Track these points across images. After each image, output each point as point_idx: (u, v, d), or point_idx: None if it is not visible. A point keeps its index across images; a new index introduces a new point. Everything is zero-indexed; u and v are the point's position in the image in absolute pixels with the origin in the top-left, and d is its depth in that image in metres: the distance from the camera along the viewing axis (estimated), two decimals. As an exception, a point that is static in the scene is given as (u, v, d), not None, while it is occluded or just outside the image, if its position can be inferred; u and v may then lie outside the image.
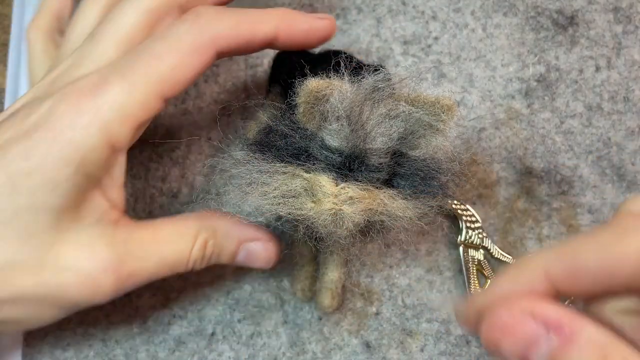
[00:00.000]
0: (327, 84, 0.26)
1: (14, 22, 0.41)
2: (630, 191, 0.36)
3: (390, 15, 0.40)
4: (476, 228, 0.35)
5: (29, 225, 0.25)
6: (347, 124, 0.26)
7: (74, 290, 0.26)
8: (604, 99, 0.38)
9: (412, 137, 0.27)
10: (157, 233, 0.28)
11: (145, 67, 0.26)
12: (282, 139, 0.27)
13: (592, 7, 0.39)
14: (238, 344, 0.34)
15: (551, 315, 0.18)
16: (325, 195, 0.26)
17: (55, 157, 0.24)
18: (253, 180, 0.26)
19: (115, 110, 0.25)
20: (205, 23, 0.27)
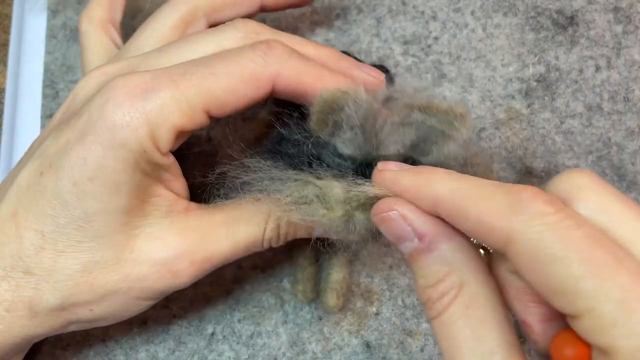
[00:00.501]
0: (343, 94, 0.25)
1: (14, 22, 0.41)
2: (630, 191, 0.36)
3: (391, 15, 0.40)
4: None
5: (102, 227, 0.26)
6: (360, 132, 0.26)
7: (153, 280, 0.27)
8: (604, 99, 0.38)
9: (424, 144, 0.27)
10: (229, 216, 0.28)
11: (199, 79, 0.26)
12: (294, 147, 0.27)
13: (592, 7, 0.39)
14: (238, 344, 0.34)
15: (419, 225, 0.22)
16: (337, 202, 0.25)
17: (112, 159, 0.25)
18: (265, 187, 0.26)
19: (164, 115, 0.25)
20: (273, 58, 0.27)
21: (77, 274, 0.26)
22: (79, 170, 0.25)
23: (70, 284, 0.26)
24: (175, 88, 0.25)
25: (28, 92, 0.40)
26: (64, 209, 0.25)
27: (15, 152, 0.39)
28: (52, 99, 0.39)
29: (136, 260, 0.26)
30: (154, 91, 0.25)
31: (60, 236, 0.26)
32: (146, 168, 0.26)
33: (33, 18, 0.41)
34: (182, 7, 0.31)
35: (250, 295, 0.35)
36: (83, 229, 0.25)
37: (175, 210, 0.28)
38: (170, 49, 0.28)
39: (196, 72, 0.26)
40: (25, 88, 0.40)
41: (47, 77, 0.39)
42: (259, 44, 0.27)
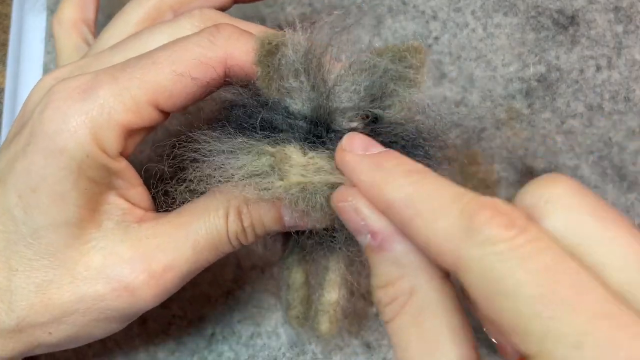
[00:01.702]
0: (279, 34, 0.23)
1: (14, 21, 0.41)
2: (631, 191, 0.36)
3: (391, 15, 0.40)
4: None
5: (52, 243, 0.24)
6: (306, 80, 0.23)
7: (111, 299, 0.25)
8: (605, 99, 0.38)
9: (382, 94, 0.24)
10: (184, 217, 0.26)
11: (141, 72, 0.24)
12: (242, 109, 0.25)
13: (593, 6, 0.39)
14: (238, 344, 0.34)
15: (372, 221, 0.21)
16: (292, 167, 0.23)
17: (53, 167, 0.23)
18: (216, 163, 0.24)
19: (105, 114, 0.24)
20: (221, 39, 0.25)
21: (32, 294, 0.24)
22: (23, 182, 0.24)
23: (24, 305, 0.24)
24: (115, 84, 0.24)
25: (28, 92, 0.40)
26: (13, 224, 0.24)
27: (15, 152, 0.39)
28: (52, 99, 0.39)
29: (92, 279, 0.25)
30: (93, 90, 0.24)
31: (13, 254, 0.24)
32: (93, 174, 0.24)
33: (32, 18, 0.41)
34: (146, 3, 0.30)
35: (250, 295, 0.35)
36: (33, 246, 0.24)
37: (128, 220, 0.26)
38: (123, 46, 0.27)
39: (137, 64, 0.25)
40: (24, 88, 0.40)
41: (46, 77, 0.39)
42: (207, 28, 0.26)
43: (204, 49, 0.25)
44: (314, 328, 0.29)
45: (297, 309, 0.29)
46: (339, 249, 0.26)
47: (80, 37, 0.33)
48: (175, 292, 0.27)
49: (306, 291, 0.29)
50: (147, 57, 0.25)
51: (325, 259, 0.28)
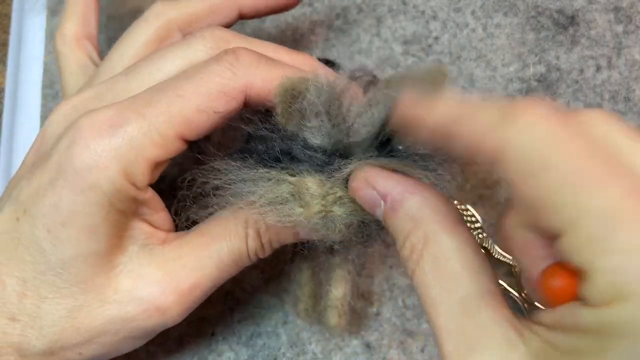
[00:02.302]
0: (302, 79, 0.24)
1: (14, 22, 0.41)
2: (631, 191, 0.36)
3: (391, 15, 0.40)
4: (477, 228, 0.35)
5: (81, 272, 0.25)
6: (327, 119, 0.24)
7: (142, 319, 0.26)
8: (605, 99, 0.38)
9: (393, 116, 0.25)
10: (207, 237, 0.27)
11: (167, 105, 0.25)
12: (262, 143, 0.26)
13: (593, 6, 0.39)
14: (238, 344, 0.34)
15: (380, 186, 0.22)
16: (313, 198, 0.24)
17: (83, 204, 0.24)
18: (237, 190, 0.25)
19: (134, 150, 0.24)
20: (241, 68, 0.25)
21: (62, 319, 0.25)
22: (52, 217, 0.24)
23: (55, 330, 0.25)
24: (143, 120, 0.24)
25: (28, 92, 0.40)
26: (41, 255, 0.25)
27: (15, 152, 0.39)
28: (52, 99, 0.39)
29: (121, 302, 0.25)
30: (121, 126, 0.24)
31: (41, 283, 0.25)
32: (122, 206, 0.25)
33: (33, 18, 0.41)
34: (154, 23, 0.30)
35: (250, 295, 0.35)
36: (62, 275, 0.25)
37: (152, 243, 0.26)
38: (137, 70, 0.27)
39: (162, 98, 0.25)
40: (24, 88, 0.40)
41: (46, 77, 0.39)
42: (225, 55, 0.26)
43: (226, 79, 0.25)
44: (323, 322, 0.30)
45: (305, 303, 0.31)
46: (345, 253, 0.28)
47: (85, 53, 0.33)
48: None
49: (313, 286, 0.31)
50: (171, 89, 0.25)
51: (332, 257, 0.29)
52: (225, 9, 0.31)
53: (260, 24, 0.40)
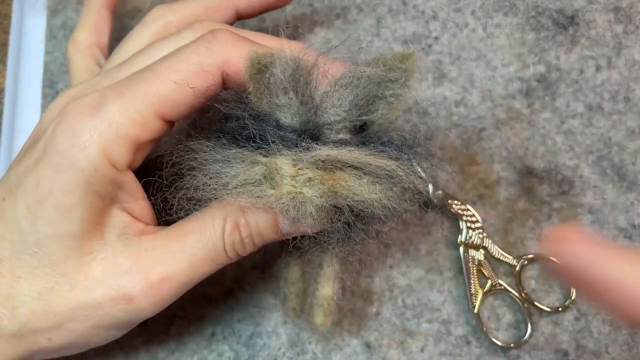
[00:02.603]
0: (268, 53, 0.24)
1: (14, 21, 0.41)
2: (631, 191, 0.36)
3: (391, 15, 0.40)
4: (476, 228, 0.35)
5: (55, 253, 0.25)
6: (295, 96, 0.24)
7: (110, 306, 0.26)
8: (605, 99, 0.38)
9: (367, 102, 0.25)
10: (182, 230, 0.27)
11: (145, 85, 0.25)
12: (236, 122, 0.26)
13: (593, 6, 0.39)
14: (238, 344, 0.34)
15: None
16: (282, 178, 0.24)
17: (62, 182, 0.24)
18: (211, 170, 0.25)
19: (113, 129, 0.25)
20: (217, 45, 0.26)
21: (33, 300, 0.25)
22: (32, 194, 0.25)
23: (26, 311, 0.25)
24: (121, 99, 0.25)
25: (28, 92, 0.40)
26: (19, 234, 0.25)
27: (15, 151, 0.39)
28: (52, 99, 0.39)
29: (90, 287, 0.26)
30: (101, 106, 0.25)
31: (17, 261, 0.25)
32: (100, 189, 0.25)
33: (33, 18, 0.41)
34: (153, 25, 0.31)
35: (250, 295, 0.35)
36: (37, 255, 0.25)
37: (129, 232, 0.27)
38: (129, 61, 0.28)
39: (140, 77, 0.25)
40: (25, 88, 0.40)
41: (46, 77, 0.39)
42: (203, 35, 0.26)
43: (202, 56, 0.25)
44: (308, 321, 0.30)
45: (294, 302, 0.31)
46: (332, 248, 0.27)
47: (94, 60, 0.34)
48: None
49: (302, 285, 0.31)
50: (149, 70, 0.26)
51: (319, 256, 0.29)
52: (222, 10, 0.32)
53: (260, 24, 0.40)
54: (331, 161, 0.24)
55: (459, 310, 0.35)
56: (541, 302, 0.34)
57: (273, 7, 0.34)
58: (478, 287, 0.34)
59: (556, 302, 0.35)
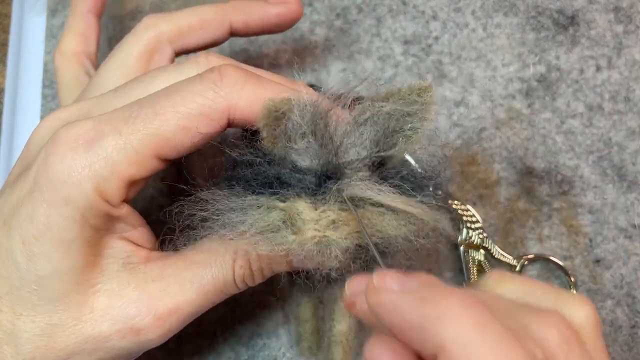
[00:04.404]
0: (285, 100, 0.23)
1: (14, 21, 0.41)
2: (631, 191, 0.36)
3: (391, 15, 0.40)
4: (476, 228, 0.35)
5: (56, 289, 0.24)
6: (313, 140, 0.24)
7: (117, 339, 0.25)
8: (605, 99, 0.38)
9: (387, 137, 0.25)
10: (192, 261, 0.26)
11: (144, 123, 0.24)
12: (249, 168, 0.25)
13: (593, 6, 0.39)
14: (238, 344, 0.34)
15: None
16: (305, 223, 0.23)
17: (57, 217, 0.23)
18: (226, 220, 0.24)
19: (109, 167, 0.24)
20: (225, 88, 0.24)
21: (37, 337, 0.24)
22: (27, 229, 0.24)
23: (30, 348, 0.24)
24: (119, 136, 0.24)
25: (28, 92, 0.40)
26: (16, 270, 0.24)
27: (15, 151, 0.39)
28: (52, 99, 0.39)
29: (96, 320, 0.25)
30: (96, 141, 0.24)
31: (16, 299, 0.24)
32: (96, 222, 0.24)
33: (32, 18, 0.41)
34: (144, 36, 0.30)
35: (250, 295, 0.35)
36: (37, 292, 0.24)
37: (133, 261, 0.26)
38: (126, 88, 0.27)
39: (140, 114, 0.24)
40: (24, 88, 0.40)
41: (46, 77, 0.39)
42: (209, 74, 0.25)
43: (208, 99, 0.24)
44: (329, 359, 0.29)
45: (309, 340, 0.30)
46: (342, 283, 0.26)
47: (82, 68, 0.33)
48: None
49: (315, 322, 0.30)
50: (149, 106, 0.24)
51: (331, 291, 0.28)
52: (215, 24, 0.31)
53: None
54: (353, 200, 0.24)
55: (459, 311, 0.34)
56: (541, 302, 0.34)
57: (268, 31, 0.33)
58: (478, 287, 0.34)
59: (556, 302, 0.35)
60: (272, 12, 0.32)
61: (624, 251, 0.35)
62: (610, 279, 0.35)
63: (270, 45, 0.40)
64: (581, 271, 0.35)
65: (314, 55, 0.39)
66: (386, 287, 0.20)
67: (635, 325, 0.34)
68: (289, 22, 0.33)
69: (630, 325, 0.34)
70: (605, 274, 0.35)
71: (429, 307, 0.19)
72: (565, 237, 0.35)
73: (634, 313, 0.34)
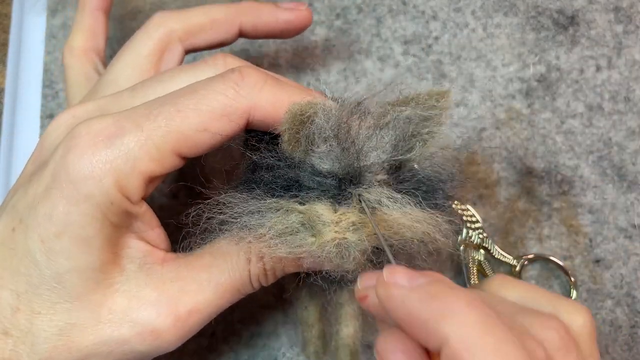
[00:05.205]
0: (310, 104, 0.24)
1: (14, 21, 0.41)
2: (631, 191, 0.36)
3: (391, 15, 0.40)
4: (476, 228, 0.35)
5: (75, 287, 0.24)
6: (336, 143, 0.24)
7: (136, 342, 0.25)
8: (605, 99, 0.38)
9: (406, 141, 0.25)
10: (208, 261, 0.26)
11: (165, 120, 0.24)
12: (269, 173, 0.25)
13: (593, 6, 0.39)
14: (238, 344, 0.34)
15: None
16: (325, 225, 0.23)
17: (77, 214, 0.23)
18: (245, 223, 0.24)
19: (130, 163, 0.24)
20: (246, 88, 0.25)
21: (54, 336, 0.24)
22: (46, 227, 0.23)
23: (47, 347, 0.24)
24: (140, 132, 0.24)
25: (28, 92, 0.40)
26: (35, 268, 0.24)
27: (15, 152, 0.39)
28: (52, 99, 0.39)
29: (116, 322, 0.25)
30: (118, 137, 0.24)
31: (35, 297, 0.24)
32: (115, 220, 0.24)
33: (32, 18, 0.41)
34: (155, 34, 0.30)
35: (250, 295, 0.35)
36: (57, 289, 0.24)
37: (150, 262, 0.26)
38: (143, 88, 0.27)
39: (161, 111, 0.24)
40: (24, 88, 0.40)
41: (46, 77, 0.39)
42: (230, 74, 0.25)
43: (229, 99, 0.24)
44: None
45: (315, 345, 0.30)
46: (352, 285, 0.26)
47: (91, 65, 0.33)
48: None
49: (322, 326, 0.30)
50: (171, 104, 0.24)
51: (338, 294, 0.28)
52: (226, 24, 0.31)
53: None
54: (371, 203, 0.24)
55: (459, 311, 0.35)
56: None
57: (276, 36, 0.33)
58: (478, 287, 0.34)
59: (556, 302, 0.35)
60: (281, 18, 0.32)
61: (624, 251, 0.35)
62: (610, 279, 0.35)
63: (270, 45, 0.40)
64: (581, 271, 0.35)
65: (314, 55, 0.39)
66: (396, 282, 0.21)
67: (635, 325, 0.34)
68: (297, 29, 0.33)
69: (630, 325, 0.34)
70: (605, 274, 0.35)
71: (435, 304, 0.20)
72: (565, 237, 0.35)
73: (634, 313, 0.34)
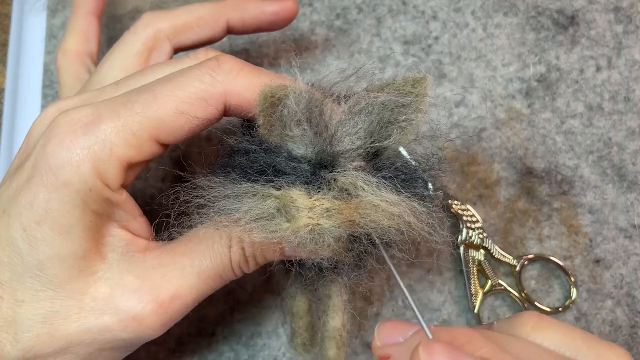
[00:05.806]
0: (281, 86, 0.23)
1: (14, 21, 0.41)
2: (631, 191, 0.36)
3: (391, 15, 0.40)
4: (476, 228, 0.35)
5: (58, 275, 0.24)
6: (308, 127, 0.24)
7: (119, 330, 0.25)
8: (605, 99, 0.38)
9: (382, 128, 0.25)
10: (189, 247, 0.26)
11: (142, 106, 0.24)
12: (245, 156, 0.25)
13: (593, 6, 0.39)
14: (238, 344, 0.34)
15: None
16: (299, 210, 0.23)
17: (57, 201, 0.24)
18: (221, 207, 0.24)
19: (107, 149, 0.24)
20: (221, 74, 0.25)
21: (38, 324, 0.25)
22: (27, 215, 0.24)
23: (30, 335, 0.24)
24: (117, 119, 0.24)
25: (28, 92, 0.40)
26: (17, 256, 0.24)
27: (15, 151, 0.39)
28: (52, 99, 0.39)
29: (98, 310, 0.25)
30: (95, 125, 0.24)
31: (18, 285, 0.24)
32: (96, 207, 0.24)
33: (32, 18, 0.41)
34: (142, 34, 0.30)
35: (250, 295, 0.35)
36: (39, 277, 0.24)
37: (132, 250, 0.26)
38: (127, 82, 0.27)
39: (138, 98, 0.24)
40: (24, 88, 0.40)
41: (46, 77, 0.39)
42: (207, 62, 0.25)
43: (205, 84, 0.25)
44: (321, 355, 0.29)
45: (303, 336, 0.30)
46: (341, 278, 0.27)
47: (84, 68, 0.33)
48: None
49: (310, 318, 0.30)
50: (148, 91, 0.25)
51: (326, 286, 0.28)
52: (212, 21, 0.32)
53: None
54: (347, 189, 0.24)
55: (459, 311, 0.35)
56: (541, 302, 0.34)
57: (264, 29, 0.34)
58: (478, 287, 0.34)
59: (556, 302, 0.35)
60: (268, 10, 0.32)
61: (624, 251, 0.35)
62: (610, 279, 0.35)
63: (270, 45, 0.40)
64: (581, 271, 0.35)
65: (314, 55, 0.39)
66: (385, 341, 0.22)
67: (635, 325, 0.34)
68: (285, 20, 0.33)
69: (630, 325, 0.34)
70: (605, 274, 0.35)
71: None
72: (565, 237, 0.35)
73: (634, 313, 0.34)
